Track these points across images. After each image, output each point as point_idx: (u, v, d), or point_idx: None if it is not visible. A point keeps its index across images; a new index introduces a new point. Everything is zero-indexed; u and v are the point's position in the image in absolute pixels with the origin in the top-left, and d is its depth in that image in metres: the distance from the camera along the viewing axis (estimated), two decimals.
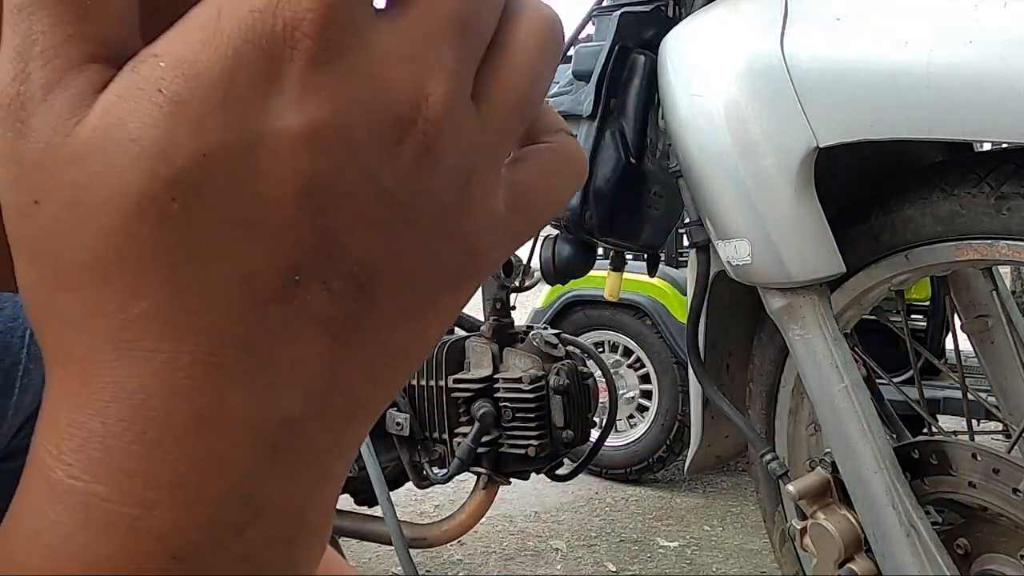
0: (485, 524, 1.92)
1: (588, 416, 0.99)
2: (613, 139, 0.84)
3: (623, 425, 2.43)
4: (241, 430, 0.15)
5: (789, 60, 0.67)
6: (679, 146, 0.76)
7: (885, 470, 0.70)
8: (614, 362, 2.43)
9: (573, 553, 1.81)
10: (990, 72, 0.56)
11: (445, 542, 1.01)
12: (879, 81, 0.62)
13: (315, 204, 0.14)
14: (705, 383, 0.84)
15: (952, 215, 0.69)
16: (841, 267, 0.71)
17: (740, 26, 0.72)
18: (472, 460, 0.92)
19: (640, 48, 0.84)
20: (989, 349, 0.89)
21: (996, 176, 0.66)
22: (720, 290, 0.88)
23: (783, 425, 0.94)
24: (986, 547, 0.71)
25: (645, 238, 0.91)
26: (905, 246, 0.74)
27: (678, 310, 2.26)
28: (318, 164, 0.14)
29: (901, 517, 0.70)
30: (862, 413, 0.71)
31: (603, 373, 1.12)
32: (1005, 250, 0.67)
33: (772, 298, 0.75)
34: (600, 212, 0.84)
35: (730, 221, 0.72)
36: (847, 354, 0.73)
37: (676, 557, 1.82)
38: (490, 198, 0.17)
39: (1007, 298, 0.84)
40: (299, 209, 0.14)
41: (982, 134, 0.59)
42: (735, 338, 0.98)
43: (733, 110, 0.70)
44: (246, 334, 0.15)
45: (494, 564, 1.72)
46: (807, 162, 0.67)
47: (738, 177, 0.70)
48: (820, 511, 0.76)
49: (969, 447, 0.71)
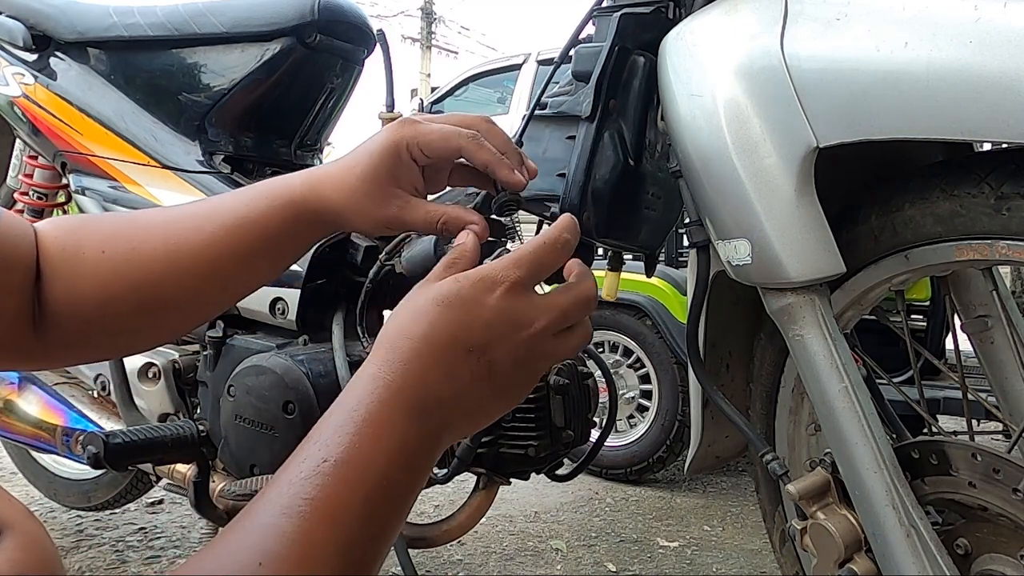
0: (485, 524, 1.92)
1: (588, 416, 0.99)
2: (612, 140, 0.84)
3: (623, 425, 2.43)
4: (443, 408, 0.51)
5: (789, 60, 0.67)
6: (679, 146, 0.76)
7: (885, 470, 0.70)
8: (614, 362, 2.43)
9: (573, 553, 1.81)
10: (990, 72, 0.56)
11: (445, 542, 1.01)
12: (879, 81, 0.62)
13: (491, 333, 0.52)
14: (705, 383, 0.84)
15: (952, 215, 0.69)
16: (841, 267, 0.71)
17: (740, 26, 0.72)
18: (472, 460, 0.92)
19: (640, 50, 0.84)
20: (989, 349, 0.89)
21: (996, 176, 0.66)
22: (720, 290, 0.88)
23: (783, 425, 0.94)
24: (986, 547, 0.71)
25: (643, 239, 0.91)
26: (905, 246, 0.74)
27: (678, 310, 2.26)
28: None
29: (901, 517, 0.69)
30: (862, 413, 0.71)
31: (603, 373, 1.12)
32: (1005, 250, 0.67)
33: (772, 298, 0.75)
34: (598, 213, 0.84)
35: (730, 221, 0.72)
36: (847, 354, 0.73)
37: (676, 557, 1.81)
38: (549, 357, 0.57)
39: (1007, 298, 0.84)
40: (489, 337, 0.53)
41: (982, 134, 0.59)
42: (735, 338, 0.98)
43: (733, 110, 0.70)
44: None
45: (494, 564, 1.72)
46: (807, 162, 0.67)
47: (738, 177, 0.70)
48: (820, 511, 0.76)
49: (969, 447, 0.71)
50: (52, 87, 1.28)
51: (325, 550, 0.44)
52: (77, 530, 1.83)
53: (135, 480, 1.68)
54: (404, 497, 0.50)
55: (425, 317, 0.52)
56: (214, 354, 1.03)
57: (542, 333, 0.54)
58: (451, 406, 0.52)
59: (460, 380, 0.51)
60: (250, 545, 0.43)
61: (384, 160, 0.62)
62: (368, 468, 0.47)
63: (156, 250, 0.64)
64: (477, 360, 0.52)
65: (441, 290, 0.53)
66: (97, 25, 1.26)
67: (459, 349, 0.51)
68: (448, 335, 0.51)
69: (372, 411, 0.48)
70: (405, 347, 0.51)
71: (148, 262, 0.64)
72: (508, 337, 0.53)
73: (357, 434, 0.47)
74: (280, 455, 0.89)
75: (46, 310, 0.64)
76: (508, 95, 6.92)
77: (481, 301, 0.52)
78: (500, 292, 0.53)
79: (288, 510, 0.44)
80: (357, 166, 0.63)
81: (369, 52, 1.27)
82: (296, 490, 0.45)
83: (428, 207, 0.63)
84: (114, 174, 1.22)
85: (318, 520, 0.44)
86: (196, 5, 1.22)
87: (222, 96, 1.21)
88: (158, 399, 1.14)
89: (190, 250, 0.64)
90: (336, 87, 1.27)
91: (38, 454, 1.80)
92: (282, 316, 1.01)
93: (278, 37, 1.17)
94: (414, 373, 0.50)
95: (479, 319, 0.52)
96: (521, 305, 0.54)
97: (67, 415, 1.27)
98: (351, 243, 1.02)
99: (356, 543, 0.46)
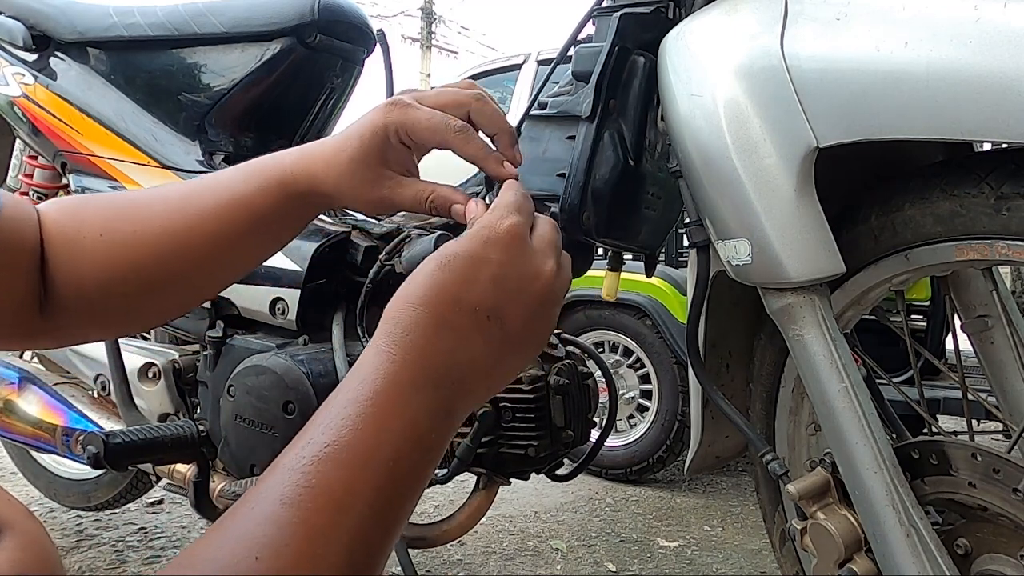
0: (485, 524, 1.92)
1: (588, 416, 0.99)
2: (612, 140, 0.84)
3: (623, 425, 2.43)
4: (458, 363, 0.48)
5: (789, 60, 0.67)
6: (679, 146, 0.76)
7: (885, 470, 0.70)
8: (614, 362, 2.43)
9: (573, 553, 1.80)
10: (990, 72, 0.56)
11: (445, 542, 1.01)
12: (879, 81, 0.62)
13: (504, 295, 0.50)
14: (705, 383, 0.84)
15: (952, 215, 0.69)
16: (841, 267, 0.71)
17: (740, 26, 0.72)
18: (472, 460, 0.92)
19: (640, 50, 0.84)
20: (989, 349, 0.89)
21: (996, 176, 0.66)
22: (720, 290, 0.88)
23: (783, 425, 0.94)
24: (986, 547, 0.71)
25: (643, 239, 0.91)
26: (905, 246, 0.74)
27: (678, 310, 2.26)
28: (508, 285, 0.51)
29: (901, 517, 0.69)
30: (862, 413, 0.71)
31: (603, 373, 1.12)
32: (1005, 250, 0.67)
33: (772, 298, 0.75)
34: (598, 213, 0.84)
35: (730, 221, 0.72)
36: (847, 354, 0.73)
37: (676, 557, 1.81)
38: (560, 301, 0.55)
39: (1007, 298, 0.84)
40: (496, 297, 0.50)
41: (982, 134, 0.59)
42: (735, 338, 0.98)
43: (733, 110, 0.70)
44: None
45: (494, 564, 1.72)
46: (807, 162, 0.67)
47: (738, 177, 0.70)
48: (820, 511, 0.76)
49: (969, 447, 0.71)
50: (52, 87, 1.28)
51: (329, 542, 0.39)
52: (77, 530, 1.83)
53: (135, 480, 1.68)
54: (417, 480, 0.45)
55: (426, 280, 0.49)
56: (214, 354, 1.03)
57: (552, 278, 0.52)
58: (464, 372, 0.48)
59: (471, 343, 0.48)
60: (245, 536, 0.38)
61: (373, 143, 0.61)
62: (377, 450, 0.43)
63: (154, 232, 0.64)
64: (488, 319, 0.49)
65: (442, 251, 0.50)
66: (97, 25, 1.26)
67: (465, 310, 0.48)
68: (451, 296, 0.48)
69: (378, 388, 0.44)
70: (407, 316, 0.47)
71: (146, 244, 0.64)
72: (520, 290, 0.50)
73: (362, 414, 0.43)
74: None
75: (51, 292, 0.65)
76: (508, 95, 6.92)
77: (483, 256, 0.50)
78: (503, 244, 0.50)
79: (288, 499, 0.40)
80: (347, 148, 0.62)
81: (369, 52, 1.27)
82: (297, 477, 0.40)
83: (417, 186, 0.63)
84: (114, 174, 1.22)
85: (321, 509, 0.40)
86: (196, 5, 1.22)
87: (222, 96, 1.21)
88: (158, 399, 1.14)
89: (186, 231, 0.64)
90: (336, 87, 1.27)
91: (38, 454, 1.80)
92: (282, 316, 1.01)
93: (278, 37, 1.17)
94: (419, 343, 0.46)
95: (483, 275, 0.49)
96: (526, 254, 0.51)
97: (67, 415, 1.27)
98: (351, 243, 1.02)
99: (364, 534, 0.41)
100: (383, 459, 0.43)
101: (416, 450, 0.45)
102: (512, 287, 0.50)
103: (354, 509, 0.41)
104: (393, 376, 0.45)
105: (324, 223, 1.05)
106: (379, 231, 1.02)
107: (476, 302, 0.48)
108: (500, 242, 0.50)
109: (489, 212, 0.53)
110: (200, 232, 0.64)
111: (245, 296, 1.05)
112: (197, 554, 0.39)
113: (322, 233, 1.01)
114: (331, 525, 0.40)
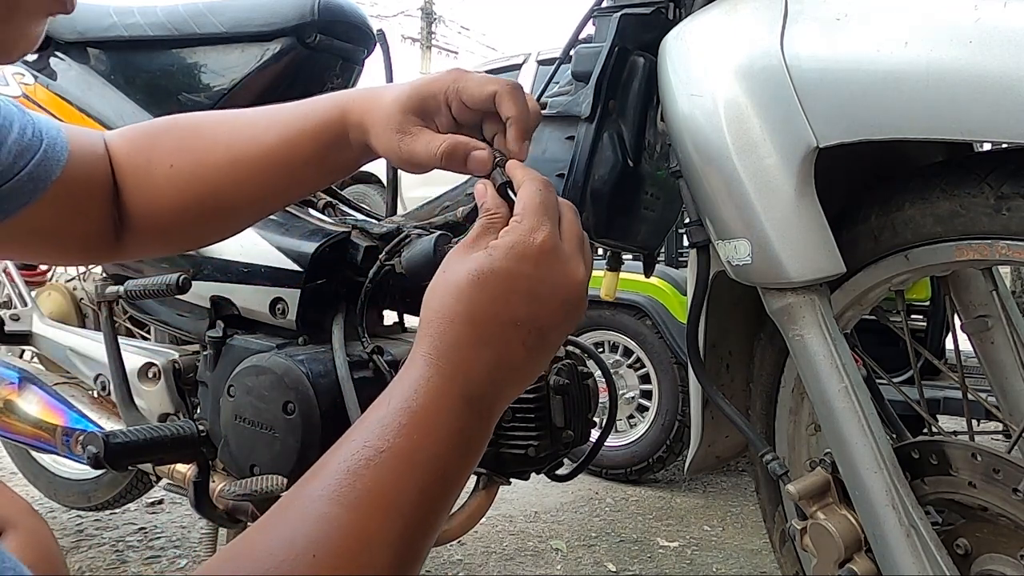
0: (485, 524, 1.92)
1: (588, 416, 0.99)
2: (611, 141, 0.84)
3: (623, 425, 2.43)
4: (490, 368, 0.50)
5: (789, 60, 0.67)
6: (679, 146, 0.76)
7: (885, 470, 0.70)
8: (614, 362, 2.43)
9: (573, 553, 1.81)
10: (990, 72, 0.56)
11: (445, 542, 1.01)
12: (879, 81, 0.62)
13: (540, 306, 0.52)
14: (705, 383, 0.84)
15: (952, 215, 0.69)
16: (841, 267, 0.71)
17: (740, 26, 0.72)
18: None
19: (640, 50, 0.84)
20: (989, 349, 0.89)
21: (996, 176, 0.66)
22: (720, 290, 0.88)
23: (783, 425, 0.94)
24: (986, 547, 0.71)
25: (642, 239, 0.91)
26: (905, 246, 0.74)
27: (678, 310, 2.26)
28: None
29: (901, 517, 0.69)
30: (862, 413, 0.71)
31: (603, 373, 1.12)
32: (1005, 250, 0.67)
33: (772, 298, 0.75)
34: (597, 213, 0.84)
35: (730, 221, 0.72)
36: (847, 354, 0.73)
37: (676, 557, 1.81)
38: (587, 294, 0.55)
39: (1007, 298, 0.84)
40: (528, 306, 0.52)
41: (982, 134, 0.59)
42: (735, 338, 0.98)
43: (733, 110, 0.70)
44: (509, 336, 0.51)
45: (494, 564, 1.72)
46: (807, 162, 0.67)
47: (738, 177, 0.70)
48: (820, 511, 0.76)
49: (969, 447, 0.71)
50: (52, 87, 1.28)
51: (382, 544, 0.42)
52: (77, 530, 1.83)
53: (135, 480, 1.68)
54: (457, 482, 0.49)
55: (464, 297, 0.51)
56: (214, 354, 1.03)
57: (583, 279, 0.54)
58: (505, 378, 0.51)
59: (513, 354, 0.51)
60: (301, 534, 0.41)
61: (420, 92, 0.64)
62: (424, 456, 0.46)
63: (219, 161, 0.69)
64: (528, 332, 0.51)
65: (475, 266, 0.51)
66: (97, 25, 1.26)
67: (505, 324, 0.50)
68: (491, 314, 0.50)
69: (429, 400, 0.47)
70: (450, 332, 0.50)
71: (212, 173, 0.70)
72: (554, 296, 0.52)
73: (413, 424, 0.46)
74: (280, 455, 0.89)
75: (125, 217, 0.72)
76: None
77: (518, 272, 0.51)
78: (535, 259, 0.52)
79: (345, 500, 0.43)
80: (395, 89, 0.66)
81: (369, 52, 1.27)
82: (353, 480, 0.43)
83: (429, 136, 0.63)
84: None
85: (375, 511, 0.43)
86: (196, 5, 1.22)
87: (222, 96, 1.21)
88: (158, 399, 1.14)
89: (249, 161, 0.69)
90: (336, 87, 1.27)
91: (38, 454, 1.80)
92: (282, 316, 1.01)
93: (278, 37, 1.17)
94: (466, 357, 0.49)
95: (519, 289, 0.51)
96: (560, 261, 0.53)
97: (67, 415, 1.27)
98: (351, 243, 1.02)
99: (411, 535, 0.44)
100: (431, 465, 0.46)
101: (459, 455, 0.48)
102: (547, 295, 0.52)
103: (402, 512, 0.44)
104: (443, 389, 0.48)
105: (324, 223, 1.05)
106: (379, 231, 1.02)
107: (515, 317, 0.51)
108: (533, 258, 0.52)
109: (520, 221, 0.54)
110: (264, 162, 0.69)
111: (245, 296, 1.05)
112: (249, 548, 0.41)
113: (322, 233, 1.01)
114: (383, 527, 0.43)
